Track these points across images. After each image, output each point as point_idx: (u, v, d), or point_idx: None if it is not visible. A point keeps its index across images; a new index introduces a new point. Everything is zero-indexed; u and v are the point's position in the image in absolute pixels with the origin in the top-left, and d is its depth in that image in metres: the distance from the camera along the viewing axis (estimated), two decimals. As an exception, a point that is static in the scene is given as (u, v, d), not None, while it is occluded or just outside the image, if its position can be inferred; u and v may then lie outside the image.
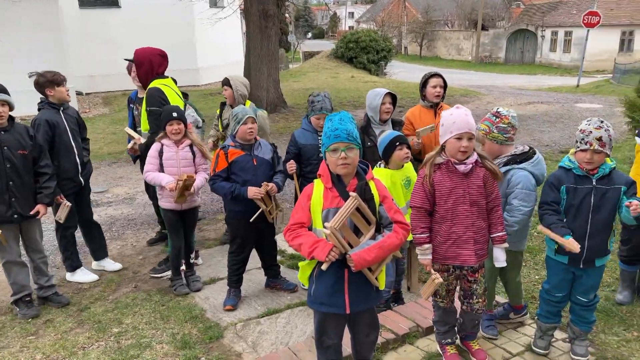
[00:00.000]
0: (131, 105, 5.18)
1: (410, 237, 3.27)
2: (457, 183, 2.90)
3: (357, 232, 2.60)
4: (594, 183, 2.95)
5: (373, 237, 2.60)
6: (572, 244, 2.82)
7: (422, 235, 2.98)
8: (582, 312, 3.17)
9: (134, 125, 5.07)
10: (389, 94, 4.22)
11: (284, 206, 4.61)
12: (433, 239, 2.99)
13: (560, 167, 3.08)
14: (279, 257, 4.96)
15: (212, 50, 21.35)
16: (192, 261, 4.57)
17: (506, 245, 2.99)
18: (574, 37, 32.98)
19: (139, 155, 4.85)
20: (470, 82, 23.07)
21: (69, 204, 4.31)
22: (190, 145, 4.24)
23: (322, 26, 74.28)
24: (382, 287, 2.77)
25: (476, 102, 16.00)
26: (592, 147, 2.87)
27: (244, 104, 5.05)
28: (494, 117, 3.22)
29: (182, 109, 4.46)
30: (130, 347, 3.59)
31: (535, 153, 3.26)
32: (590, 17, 20.57)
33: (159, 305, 4.17)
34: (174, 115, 4.09)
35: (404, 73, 27.37)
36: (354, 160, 2.57)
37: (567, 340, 3.36)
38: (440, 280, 2.90)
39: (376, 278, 2.69)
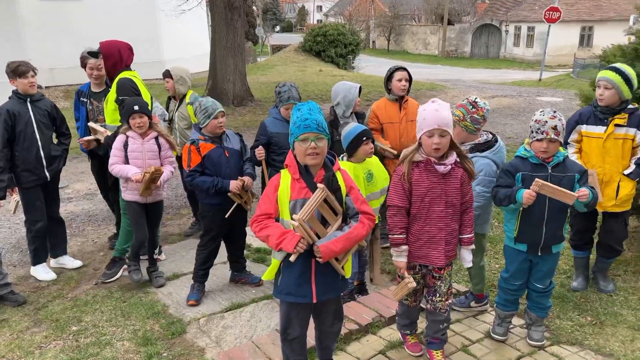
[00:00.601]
0: (83, 99, 4.98)
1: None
2: (435, 183, 2.83)
3: (324, 222, 2.61)
4: (549, 171, 3.02)
5: (340, 228, 2.61)
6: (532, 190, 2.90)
7: (400, 236, 2.90)
8: (538, 298, 3.27)
9: (88, 120, 4.89)
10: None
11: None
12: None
13: (517, 157, 3.15)
14: (245, 252, 4.94)
15: (178, 42, 20.96)
16: (155, 257, 4.50)
17: (473, 247, 3.00)
18: (537, 32, 33.78)
19: (96, 150, 4.72)
20: (436, 76, 23.35)
21: (17, 198, 4.23)
22: (156, 138, 4.17)
23: (291, 19, 73.89)
24: (348, 275, 2.79)
25: (442, 96, 16.21)
26: (548, 136, 2.95)
27: (185, 93, 4.96)
28: (471, 107, 3.29)
29: (150, 101, 4.40)
30: (89, 345, 3.52)
31: (497, 141, 3.38)
32: (551, 12, 21.07)
33: (120, 302, 4.10)
34: (135, 109, 4.00)
35: (372, 67, 27.46)
36: (323, 150, 2.57)
37: (524, 326, 3.46)
38: (414, 285, 2.85)
39: (342, 267, 2.70)
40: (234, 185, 3.83)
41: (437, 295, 3.01)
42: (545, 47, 22.54)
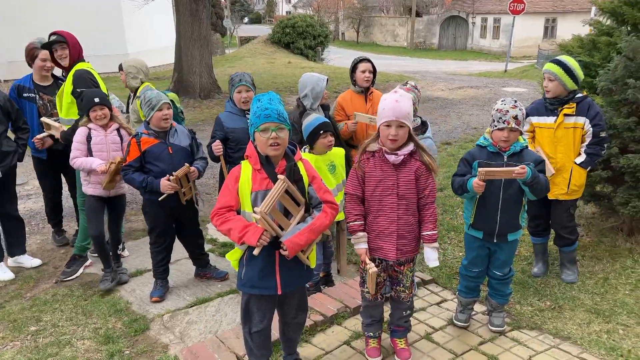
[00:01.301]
0: (28, 94, 4.68)
1: (338, 217, 3.30)
2: (387, 174, 2.81)
3: (287, 213, 2.59)
4: (505, 159, 3.07)
5: (303, 218, 2.60)
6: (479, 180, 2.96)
7: (355, 223, 2.87)
8: (498, 285, 3.33)
9: (40, 116, 4.69)
10: None
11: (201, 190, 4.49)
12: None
13: (477, 145, 3.21)
14: (209, 246, 4.89)
15: (142, 34, 20.54)
16: (119, 253, 4.40)
17: (436, 244, 2.90)
18: (502, 24, 34.33)
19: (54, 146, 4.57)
20: (405, 68, 23.51)
21: None
22: (118, 129, 4.07)
23: (259, 11, 73.19)
24: (313, 265, 2.77)
25: (410, 87, 16.33)
26: (509, 126, 2.99)
27: (138, 86, 4.77)
28: (417, 91, 3.40)
29: (106, 92, 4.28)
30: (48, 345, 3.42)
31: (426, 123, 3.62)
32: (515, 4, 21.41)
33: (81, 301, 4.00)
34: (96, 101, 3.89)
35: (341, 59, 27.47)
36: (284, 140, 2.55)
37: (486, 312, 3.52)
38: (375, 269, 2.80)
39: (307, 257, 2.69)
40: (164, 185, 3.66)
41: (401, 285, 3.01)
42: (511, 39, 22.94)
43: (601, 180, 4.44)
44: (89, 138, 3.96)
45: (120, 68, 4.86)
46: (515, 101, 3.04)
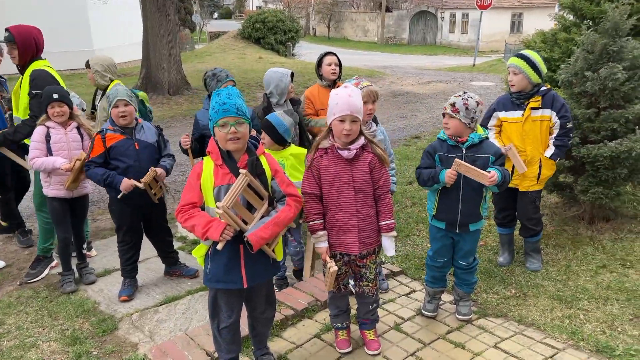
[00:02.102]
0: None
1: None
2: (342, 169, 2.82)
3: (251, 208, 2.58)
4: (463, 151, 3.14)
5: (267, 212, 2.60)
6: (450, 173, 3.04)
7: (314, 222, 2.88)
8: (463, 275, 3.40)
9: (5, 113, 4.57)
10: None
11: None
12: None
13: (438, 139, 3.27)
14: (179, 244, 4.85)
15: (109, 30, 20.10)
16: (84, 252, 4.32)
17: (394, 233, 2.95)
18: (470, 19, 34.84)
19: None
20: (376, 63, 23.63)
21: None
22: (78, 127, 3.99)
23: (229, 6, 72.41)
24: (279, 258, 2.78)
25: (380, 82, 16.46)
26: (446, 111, 3.12)
27: (107, 85, 4.67)
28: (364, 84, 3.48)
29: (66, 90, 4.17)
30: (12, 348, 3.35)
31: (376, 117, 3.67)
32: (483, -1, 21.74)
33: (47, 302, 3.92)
34: (54, 97, 3.80)
35: (313, 54, 27.43)
36: (244, 135, 2.54)
37: (453, 302, 3.59)
38: (335, 268, 2.82)
39: (273, 250, 2.69)
40: (125, 185, 3.61)
41: (364, 280, 3.02)
42: (478, 34, 23.30)
43: (564, 169, 4.57)
44: (47, 137, 3.86)
45: (88, 65, 4.76)
46: (465, 93, 3.12)
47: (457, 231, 3.25)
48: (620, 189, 4.41)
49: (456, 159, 3.03)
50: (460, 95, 3.10)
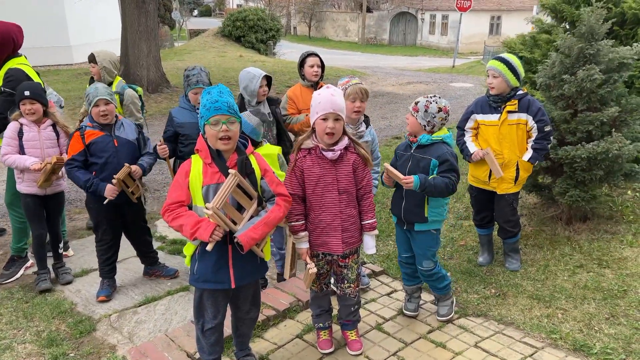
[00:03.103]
0: None
1: None
2: (326, 170, 2.82)
3: (240, 207, 2.56)
4: (412, 151, 3.22)
5: (256, 212, 2.58)
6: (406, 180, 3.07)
7: (296, 223, 2.88)
8: (426, 280, 3.42)
9: None
10: (265, 76, 4.13)
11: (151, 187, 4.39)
12: (305, 225, 2.93)
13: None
14: (159, 243, 4.79)
15: (86, 26, 19.72)
16: (61, 252, 4.22)
17: (376, 232, 3.00)
18: (450, 21, 35.23)
19: None
20: (356, 63, 23.70)
21: None
22: (53, 125, 3.90)
23: (209, 3, 71.83)
24: (267, 258, 2.77)
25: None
26: (409, 108, 3.20)
27: (113, 81, 4.73)
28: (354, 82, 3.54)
29: (42, 87, 4.08)
30: (-14, 351, 3.26)
31: (368, 117, 3.71)
32: (462, 1, 22.01)
33: (21, 303, 3.83)
34: (26, 94, 3.71)
35: (293, 53, 27.38)
36: (235, 133, 2.52)
37: (434, 302, 3.61)
38: (315, 270, 2.83)
39: (262, 250, 2.68)
40: (109, 191, 3.57)
41: (346, 282, 3.02)
42: (458, 35, 23.58)
43: (541, 171, 4.64)
44: (20, 134, 3.78)
45: (92, 60, 4.66)
46: (434, 96, 3.17)
47: (405, 227, 3.31)
48: (596, 192, 4.49)
49: (385, 163, 3.17)
50: (427, 97, 3.16)
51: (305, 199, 2.91)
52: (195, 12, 58.77)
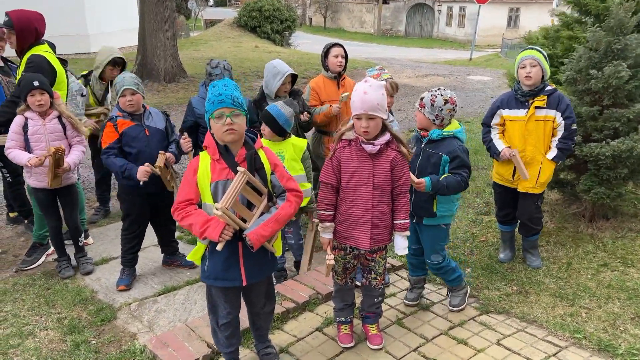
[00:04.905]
0: None
1: (304, 203, 3.25)
2: (363, 163, 2.78)
3: (250, 204, 2.52)
4: (422, 146, 3.18)
5: (267, 208, 2.55)
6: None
7: (324, 212, 2.86)
8: (436, 273, 3.41)
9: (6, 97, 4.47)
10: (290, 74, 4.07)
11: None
12: (334, 216, 2.91)
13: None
14: (178, 233, 4.79)
15: (104, 15, 19.79)
16: (81, 243, 4.21)
17: (407, 233, 2.91)
18: (468, 13, 34.77)
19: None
20: (372, 55, 23.55)
21: None
22: (59, 117, 3.85)
23: (225, -7, 71.67)
24: (279, 253, 2.74)
25: (377, 74, 16.38)
26: (416, 105, 3.16)
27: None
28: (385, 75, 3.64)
29: (65, 78, 4.11)
30: (9, 336, 3.30)
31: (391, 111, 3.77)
32: (481, -7, 21.71)
33: (43, 290, 3.86)
34: (35, 85, 3.66)
35: (309, 44, 27.31)
36: (240, 126, 2.45)
37: (448, 294, 3.60)
38: (332, 262, 2.81)
39: (272, 245, 2.64)
40: (141, 173, 3.55)
41: (372, 273, 3.01)
42: (476, 27, 23.28)
43: (565, 167, 4.56)
44: (25, 128, 3.74)
45: None
46: (439, 89, 3.14)
47: (414, 221, 3.28)
48: (622, 189, 4.40)
49: None
50: (431, 91, 3.11)
51: (338, 190, 2.87)
52: (211, 2, 58.70)
